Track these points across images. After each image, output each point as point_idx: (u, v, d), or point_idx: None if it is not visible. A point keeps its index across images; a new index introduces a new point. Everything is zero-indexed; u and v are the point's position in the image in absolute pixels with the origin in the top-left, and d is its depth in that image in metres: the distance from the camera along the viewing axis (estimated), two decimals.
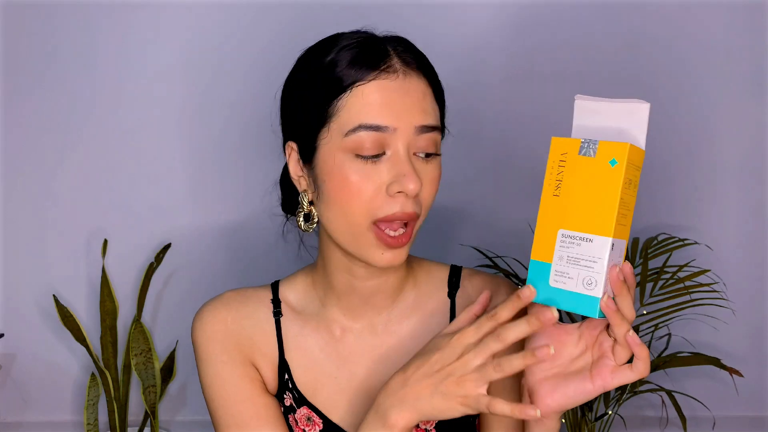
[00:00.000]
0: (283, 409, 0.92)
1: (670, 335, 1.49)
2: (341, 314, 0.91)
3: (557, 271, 0.70)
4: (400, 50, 0.81)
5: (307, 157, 0.83)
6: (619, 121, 0.70)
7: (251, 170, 1.56)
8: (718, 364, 1.36)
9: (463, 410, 0.72)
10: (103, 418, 1.58)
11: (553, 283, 0.70)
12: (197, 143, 1.58)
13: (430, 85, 0.82)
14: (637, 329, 1.45)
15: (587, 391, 0.72)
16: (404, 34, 0.85)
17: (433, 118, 0.80)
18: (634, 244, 1.49)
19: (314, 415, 0.90)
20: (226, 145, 1.58)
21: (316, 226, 0.85)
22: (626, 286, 0.69)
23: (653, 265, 1.46)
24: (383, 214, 0.78)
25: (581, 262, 0.69)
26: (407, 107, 0.78)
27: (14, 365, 1.63)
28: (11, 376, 1.63)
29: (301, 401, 0.91)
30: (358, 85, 0.78)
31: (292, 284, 0.95)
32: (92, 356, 1.50)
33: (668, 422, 1.51)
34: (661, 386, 1.38)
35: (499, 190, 1.59)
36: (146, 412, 1.51)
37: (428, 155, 0.80)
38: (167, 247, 1.56)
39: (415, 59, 0.81)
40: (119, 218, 1.60)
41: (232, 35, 1.55)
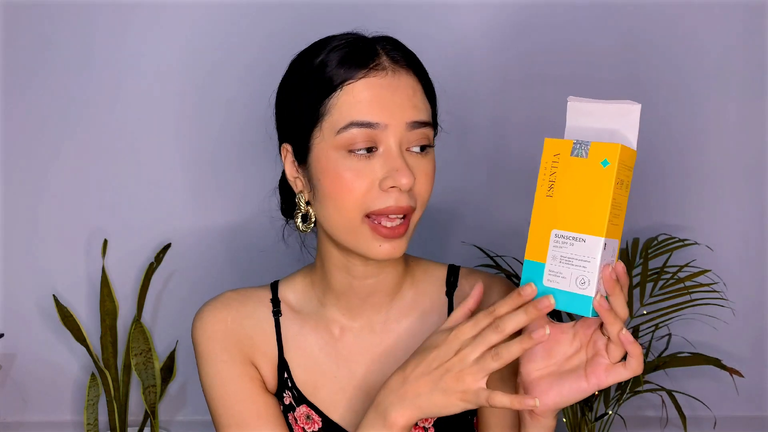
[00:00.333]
0: (282, 407, 0.92)
1: (670, 335, 1.49)
2: (340, 313, 0.91)
3: (551, 270, 0.71)
4: (388, 48, 0.82)
5: (301, 157, 0.84)
6: (611, 122, 0.71)
7: (251, 170, 1.56)
8: (718, 364, 1.36)
9: (463, 405, 0.72)
10: (103, 418, 1.58)
11: (546, 282, 0.71)
12: (198, 143, 1.59)
13: (420, 81, 0.83)
14: (637, 329, 1.45)
15: (582, 389, 0.73)
16: (399, 35, 0.85)
17: (424, 114, 0.81)
18: (634, 244, 1.49)
19: (314, 413, 0.91)
20: (226, 145, 1.58)
21: (313, 226, 0.86)
22: (619, 285, 0.69)
23: (653, 265, 1.46)
24: (376, 207, 0.79)
25: (574, 261, 0.69)
26: (397, 104, 0.79)
27: (14, 365, 1.63)
28: (11, 376, 1.63)
29: (300, 400, 0.91)
30: (348, 83, 0.79)
31: (291, 284, 0.95)
32: (92, 356, 1.50)
33: (668, 422, 1.51)
34: (661, 386, 1.38)
35: (497, 189, 1.59)
36: (146, 412, 1.51)
37: (422, 149, 0.81)
38: (167, 247, 1.56)
39: (403, 57, 0.82)
40: (119, 218, 1.60)
41: (231, 34, 1.55)
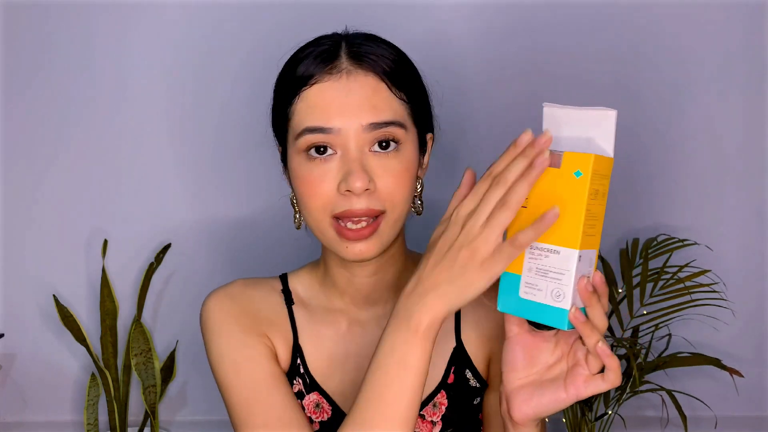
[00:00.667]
0: None
1: (670, 335, 1.49)
2: (346, 308, 0.93)
3: (527, 282, 0.70)
4: (353, 49, 0.82)
5: (284, 160, 0.88)
6: (587, 129, 0.69)
7: (252, 170, 1.56)
8: (718, 364, 1.36)
9: (488, 277, 0.67)
10: (103, 418, 1.58)
11: (522, 294, 0.70)
12: (198, 143, 1.58)
13: (384, 80, 0.81)
14: (637, 329, 1.45)
15: (561, 399, 0.72)
16: (395, 36, 0.85)
17: (386, 113, 0.80)
18: (634, 244, 1.49)
19: (324, 401, 0.91)
20: (227, 144, 1.58)
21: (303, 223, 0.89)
22: (596, 296, 0.68)
23: (653, 265, 1.46)
24: (337, 211, 0.80)
25: (549, 274, 0.68)
26: (352, 107, 0.79)
27: (14, 365, 1.63)
28: (11, 376, 1.63)
29: (312, 387, 0.92)
30: (303, 89, 0.81)
31: (299, 277, 0.97)
32: (92, 356, 1.50)
33: (668, 422, 1.51)
34: (661, 386, 1.38)
35: None
36: (146, 412, 1.51)
37: (385, 149, 0.80)
38: (167, 247, 1.56)
39: (366, 55, 0.81)
40: (119, 218, 1.60)
41: (229, 32, 1.55)
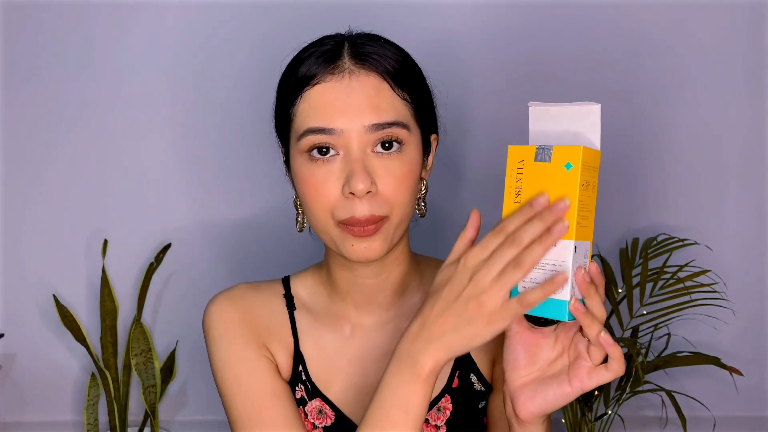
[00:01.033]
0: None
1: (670, 335, 1.49)
2: (350, 311, 0.92)
3: (525, 277, 0.69)
4: (356, 49, 0.81)
5: (287, 162, 0.87)
6: (573, 124, 0.70)
7: (252, 170, 1.56)
8: (718, 363, 1.36)
9: (493, 329, 0.67)
10: (103, 418, 1.58)
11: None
12: (198, 143, 1.58)
13: (387, 80, 0.81)
14: (637, 329, 1.45)
15: (566, 393, 0.72)
16: (393, 36, 0.85)
17: (388, 114, 0.80)
18: (633, 244, 1.49)
19: (327, 407, 0.91)
20: (226, 144, 1.58)
21: (308, 226, 0.88)
22: (593, 286, 0.68)
23: (653, 265, 1.46)
24: (342, 217, 0.79)
25: (546, 266, 0.69)
26: (354, 107, 0.78)
27: (14, 365, 1.63)
28: (11, 376, 1.63)
29: (314, 393, 0.91)
30: (305, 90, 0.81)
31: (302, 280, 0.96)
32: (92, 356, 1.50)
33: (668, 422, 1.51)
34: (661, 386, 1.38)
35: (493, 190, 1.59)
36: (146, 412, 1.51)
37: (388, 149, 0.80)
38: (167, 247, 1.56)
39: (369, 55, 0.81)
40: (119, 218, 1.60)
41: (230, 32, 1.55)
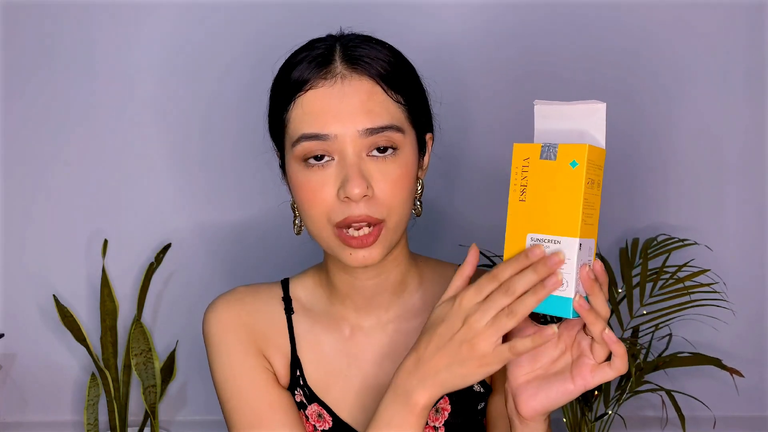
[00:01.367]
0: None
1: (670, 335, 1.49)
2: (349, 313, 0.92)
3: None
4: (348, 52, 0.80)
5: (283, 167, 0.86)
6: (578, 122, 0.70)
7: (252, 172, 1.56)
8: (718, 364, 1.36)
9: (484, 371, 0.71)
10: (103, 418, 1.58)
11: None
12: (198, 143, 1.59)
13: (379, 83, 0.80)
14: (637, 329, 1.45)
15: (569, 391, 0.72)
16: (392, 36, 0.84)
17: (382, 118, 0.79)
18: (633, 244, 1.49)
19: (324, 412, 0.91)
20: (226, 144, 1.58)
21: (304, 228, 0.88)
22: (598, 284, 0.69)
23: (653, 265, 1.46)
24: (338, 219, 0.79)
25: None
26: (347, 112, 0.78)
27: (14, 365, 1.63)
28: (11, 376, 1.63)
29: (312, 398, 0.91)
30: (298, 96, 0.80)
31: (301, 282, 0.96)
32: (92, 356, 1.50)
33: (668, 422, 1.51)
34: (661, 386, 1.38)
35: (494, 190, 1.59)
36: (146, 412, 1.51)
37: (383, 153, 0.79)
38: (167, 247, 1.56)
39: (361, 59, 0.80)
40: (119, 218, 1.60)
41: (233, 35, 1.55)
